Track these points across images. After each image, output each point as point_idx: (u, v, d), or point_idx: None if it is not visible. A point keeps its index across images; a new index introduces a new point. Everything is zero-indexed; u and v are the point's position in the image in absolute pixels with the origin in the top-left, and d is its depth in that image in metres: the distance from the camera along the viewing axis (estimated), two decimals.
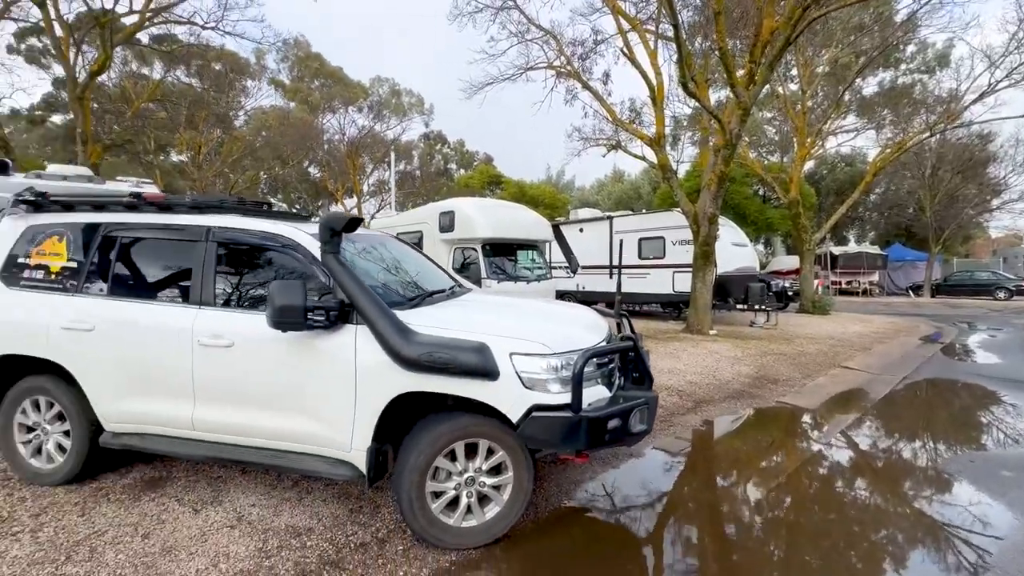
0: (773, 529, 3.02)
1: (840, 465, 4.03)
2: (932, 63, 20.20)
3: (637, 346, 3.01)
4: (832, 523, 3.10)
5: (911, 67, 20.30)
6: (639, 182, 37.53)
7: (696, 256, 9.75)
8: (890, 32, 13.72)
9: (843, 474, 3.87)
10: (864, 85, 18.12)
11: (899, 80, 19.37)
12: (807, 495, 3.49)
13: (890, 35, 13.82)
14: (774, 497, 3.40)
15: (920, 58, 20.35)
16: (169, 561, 2.50)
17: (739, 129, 7.98)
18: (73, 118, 22.24)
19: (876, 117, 17.27)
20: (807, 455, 4.23)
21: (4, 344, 3.23)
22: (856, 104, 18.10)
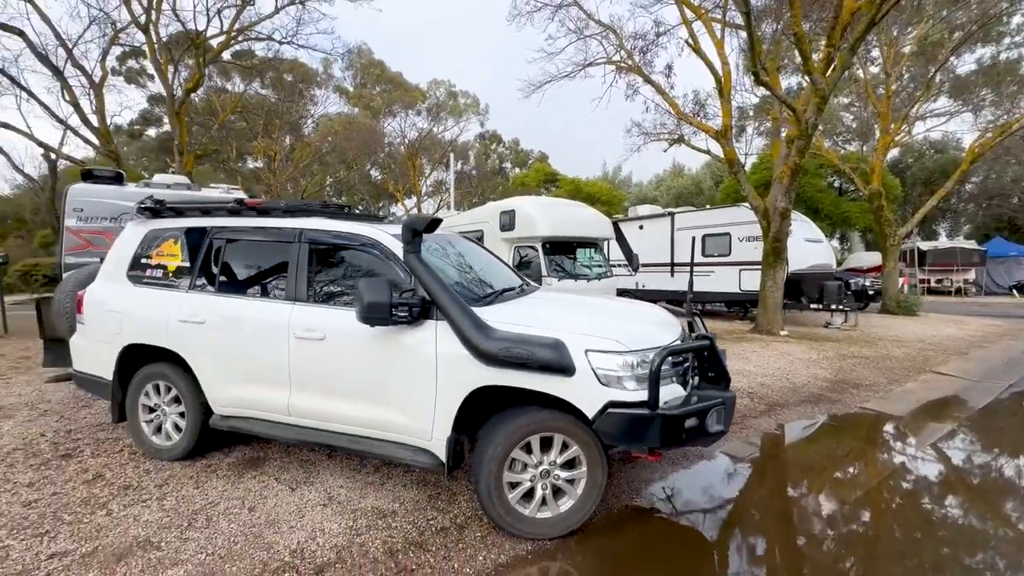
0: (850, 546, 2.84)
1: (930, 481, 3.72)
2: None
3: (714, 345, 2.96)
4: (919, 544, 2.87)
5: (1017, 40, 18.19)
6: (700, 176, 36.12)
7: (766, 253, 9.30)
8: (992, 2, 12.37)
9: (934, 491, 3.55)
10: (959, 63, 16.47)
11: (1001, 56, 17.41)
12: (891, 511, 3.25)
13: (992, 6, 12.46)
14: (854, 511, 3.21)
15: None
16: (274, 533, 2.76)
17: (815, 118, 7.51)
18: (166, 131, 24.55)
19: (973, 98, 15.62)
20: (892, 467, 3.96)
21: (132, 334, 3.67)
22: (949, 85, 16.48)
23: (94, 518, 2.87)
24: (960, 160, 25.62)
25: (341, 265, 3.38)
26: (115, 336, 3.73)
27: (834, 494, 3.45)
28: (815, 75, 7.22)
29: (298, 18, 13.17)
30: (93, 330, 3.87)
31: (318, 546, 2.65)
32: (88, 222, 6.22)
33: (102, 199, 6.37)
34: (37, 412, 4.82)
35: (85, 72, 11.35)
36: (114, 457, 3.75)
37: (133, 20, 11.03)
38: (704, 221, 12.38)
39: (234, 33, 11.89)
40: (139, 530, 2.75)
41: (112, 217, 6.39)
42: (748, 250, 11.42)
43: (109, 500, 3.08)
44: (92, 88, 11.46)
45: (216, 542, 2.66)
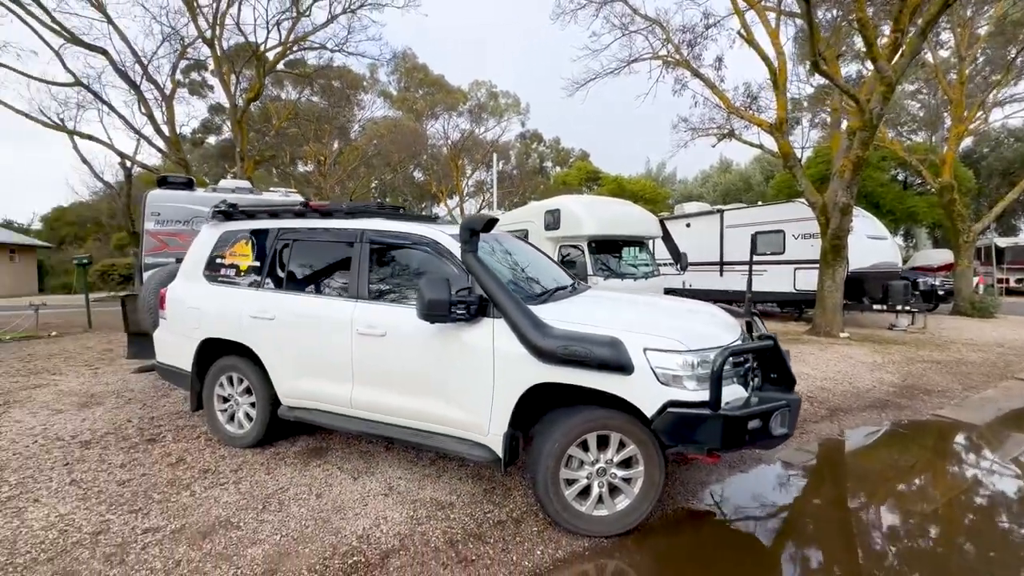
0: (918, 565, 2.68)
1: (1011, 498, 3.43)
2: None
3: (778, 345, 2.87)
4: (995, 566, 2.67)
5: None
6: (749, 172, 34.77)
7: (825, 251, 8.87)
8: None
9: (1015, 509, 3.26)
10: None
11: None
12: (967, 529, 3.03)
13: None
14: (925, 526, 3.02)
15: None
16: (340, 519, 2.90)
17: (881, 108, 7.08)
18: (224, 139, 26.02)
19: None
20: (969, 481, 3.70)
21: (209, 329, 3.94)
22: (1005, 70, 15.07)
23: (179, 498, 3.11)
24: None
25: (400, 264, 3.50)
26: (193, 331, 4.01)
27: (903, 507, 3.27)
28: (880, 62, 6.81)
29: (348, 26, 13.68)
30: (174, 325, 4.18)
31: (382, 533, 2.76)
32: (164, 225, 6.71)
33: (176, 203, 6.85)
34: (123, 400, 5.24)
35: (157, 85, 12.29)
36: (193, 443, 4.03)
37: (200, 35, 11.81)
38: (756, 218, 11.93)
39: (290, 43, 12.50)
40: (220, 511, 2.96)
41: (184, 220, 6.85)
42: (804, 248, 10.92)
43: (191, 482, 3.33)
44: (163, 100, 12.37)
45: (289, 525, 2.82)
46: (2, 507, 2.97)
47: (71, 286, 29.18)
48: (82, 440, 4.07)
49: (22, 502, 3.04)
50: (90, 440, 4.08)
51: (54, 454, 3.78)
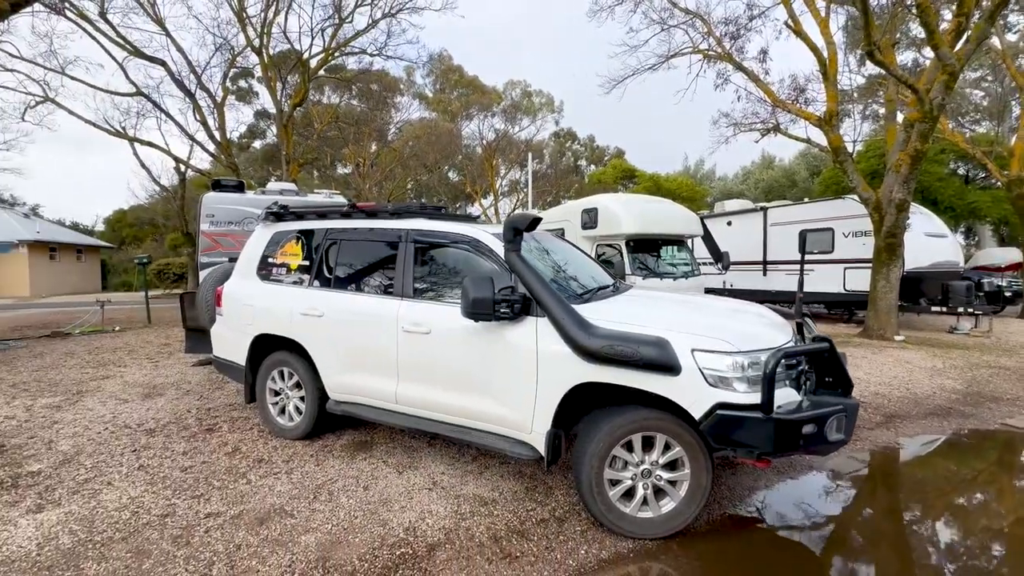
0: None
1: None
2: None
3: (834, 348, 2.76)
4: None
5: None
6: (794, 168, 33.42)
7: (878, 250, 8.43)
8: None
9: None
10: None
11: None
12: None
13: None
14: (990, 545, 2.84)
15: None
16: (387, 511, 2.98)
17: (942, 98, 6.67)
18: (268, 143, 27.06)
19: None
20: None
21: (262, 325, 4.12)
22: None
23: (237, 485, 3.28)
24: None
25: (444, 263, 3.56)
26: (248, 326, 4.21)
27: (966, 523, 3.08)
28: (943, 49, 6.41)
29: (387, 31, 14.00)
30: (230, 321, 4.40)
31: (428, 526, 2.82)
32: (218, 226, 7.05)
33: (228, 205, 7.19)
34: (182, 391, 5.55)
35: (210, 93, 12.98)
36: (247, 433, 4.23)
37: (248, 43, 12.37)
38: (802, 216, 11.46)
39: (332, 49, 12.92)
40: (274, 499, 3.10)
41: (236, 221, 7.18)
42: (854, 247, 10.43)
43: (247, 471, 3.49)
44: (215, 107, 13.02)
45: (339, 515, 2.92)
46: (81, 488, 3.21)
47: (130, 284, 31.11)
48: (147, 428, 4.34)
49: (97, 485, 3.27)
50: (154, 428, 4.34)
51: (123, 440, 4.05)
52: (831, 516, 3.15)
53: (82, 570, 2.39)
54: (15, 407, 4.95)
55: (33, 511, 2.92)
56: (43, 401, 5.14)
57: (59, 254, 26.78)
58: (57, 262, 26.57)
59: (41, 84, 13.10)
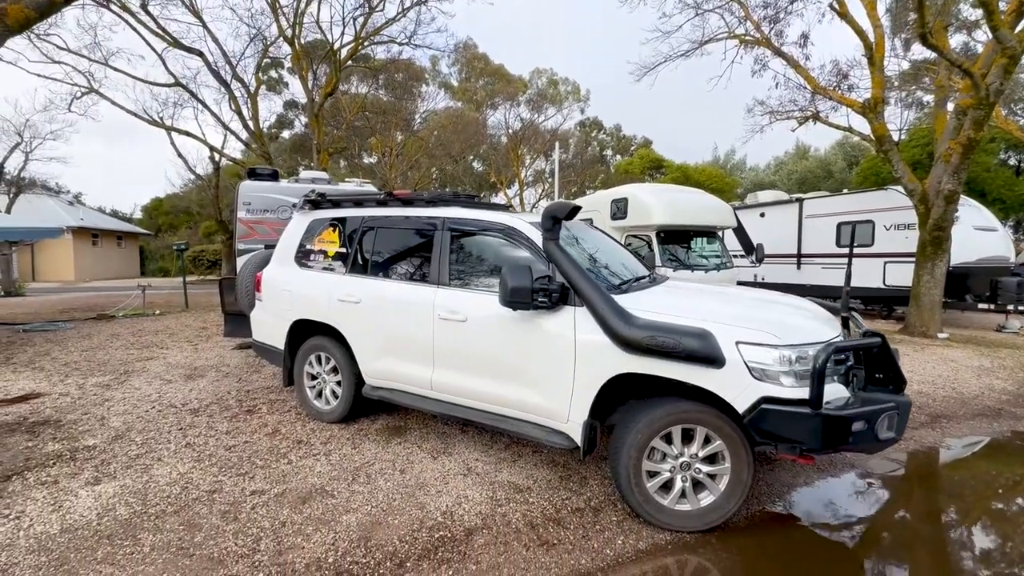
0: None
1: None
2: None
3: (887, 343, 2.66)
4: None
5: None
6: (830, 158, 32.22)
7: (923, 243, 8.08)
8: None
9: None
10: None
11: None
12: None
13: None
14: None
15: None
16: (424, 494, 3.03)
17: (1000, 83, 6.29)
18: (296, 133, 27.48)
19: None
20: None
21: (300, 311, 4.21)
22: None
23: (279, 465, 3.38)
24: None
25: (481, 252, 3.56)
26: (286, 312, 4.31)
27: (1017, 526, 2.95)
28: (1002, 31, 6.03)
29: (416, 19, 13.99)
30: (269, 306, 4.51)
31: (464, 511, 2.86)
32: (254, 213, 7.22)
33: (264, 194, 7.34)
34: (221, 374, 5.74)
35: (244, 83, 13.24)
36: (285, 415, 4.35)
37: (280, 33, 12.55)
38: (841, 207, 11.06)
39: (363, 39, 12.99)
40: (315, 479, 3.18)
41: (271, 209, 7.34)
42: (896, 240, 10.02)
43: (288, 451, 3.60)
44: (248, 97, 13.31)
45: (378, 497, 2.99)
46: (133, 463, 3.36)
47: (167, 270, 32.25)
48: (191, 408, 4.51)
49: (148, 460, 3.42)
50: (198, 408, 4.50)
51: (169, 419, 4.22)
52: (876, 517, 3.07)
53: (139, 540, 2.51)
54: (68, 385, 5.20)
55: (91, 483, 3.08)
56: (94, 380, 5.39)
57: (101, 240, 27.94)
58: (99, 248, 27.73)
59: (86, 75, 13.61)
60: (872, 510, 3.14)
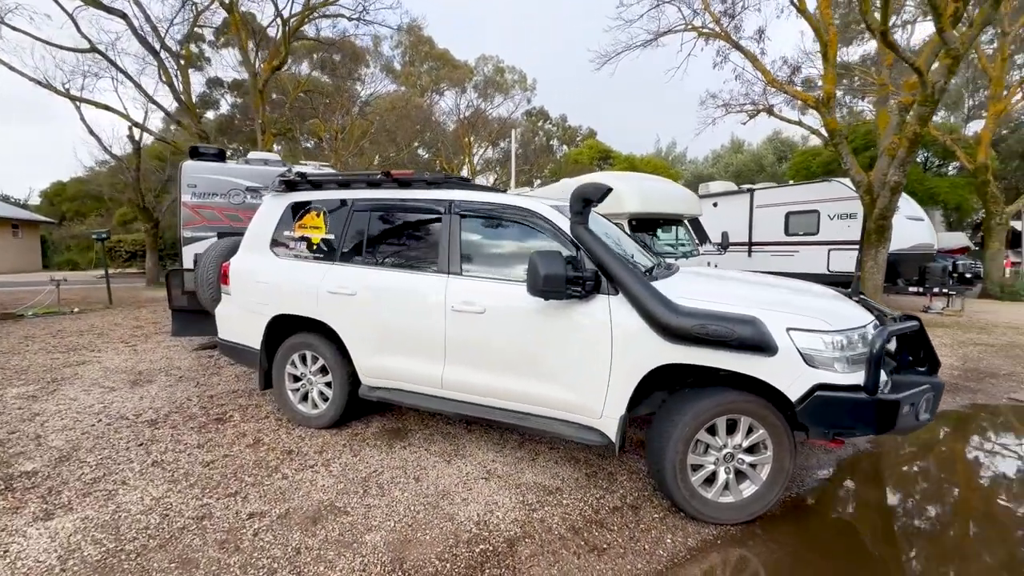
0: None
1: None
2: None
3: (923, 326, 2.70)
4: None
5: None
6: (762, 152, 34.21)
7: (868, 232, 8.67)
8: None
9: None
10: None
11: None
12: None
13: None
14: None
15: None
16: (449, 504, 2.76)
17: (944, 82, 6.80)
18: (222, 114, 25.30)
19: None
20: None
21: (281, 305, 3.74)
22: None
23: (273, 480, 2.97)
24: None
25: (497, 237, 3.29)
26: (263, 306, 3.82)
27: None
28: (948, 32, 6.49)
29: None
30: (240, 301, 3.98)
31: (498, 519, 2.63)
32: (200, 197, 6.44)
33: (210, 175, 6.56)
34: (174, 378, 5.08)
35: (173, 53, 11.76)
36: (263, 423, 3.88)
37: (220, 2, 11.27)
38: (788, 198, 11.66)
39: (310, 10, 11.97)
40: (320, 495, 2.82)
41: (219, 192, 6.58)
42: (839, 228, 10.69)
43: (279, 464, 3.18)
44: (179, 69, 11.89)
45: (398, 510, 2.68)
46: (91, 490, 2.83)
47: (76, 262, 28.87)
48: (148, 419, 3.92)
49: (110, 484, 2.89)
50: (156, 419, 3.92)
51: (124, 434, 3.63)
52: (895, 495, 3.16)
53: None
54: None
55: (41, 518, 2.54)
56: (14, 391, 4.58)
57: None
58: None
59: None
60: (878, 489, 3.23)
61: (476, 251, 3.27)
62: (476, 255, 3.26)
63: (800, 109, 15.63)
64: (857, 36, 15.83)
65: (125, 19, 10.54)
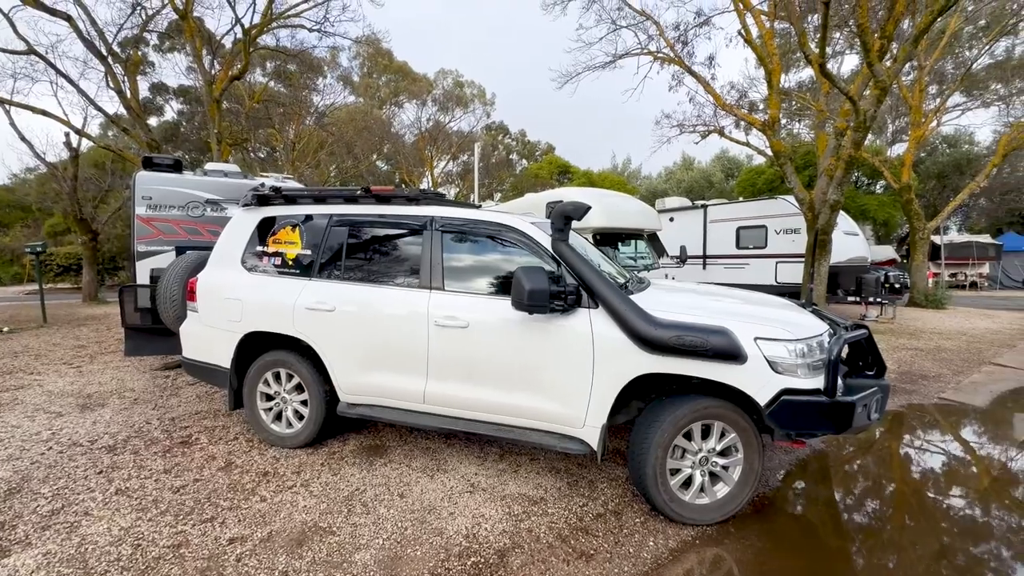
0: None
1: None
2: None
3: (871, 334, 2.98)
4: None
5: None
6: (710, 170, 36.03)
7: (811, 246, 9.32)
8: None
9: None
10: (971, 58, 16.20)
11: (1018, 49, 17.19)
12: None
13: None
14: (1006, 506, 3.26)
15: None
16: (436, 518, 2.77)
17: (874, 110, 7.50)
18: (166, 121, 24.16)
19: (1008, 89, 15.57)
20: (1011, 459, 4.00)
21: (254, 322, 3.64)
22: (960, 79, 16.30)
23: (251, 504, 2.88)
24: (975, 156, 25.73)
25: (478, 253, 3.35)
26: (234, 324, 3.71)
27: (981, 487, 3.49)
28: (876, 66, 7.19)
29: (326, 4, 12.98)
30: (209, 318, 3.84)
31: (487, 532, 2.66)
32: (156, 210, 6.16)
33: (168, 187, 6.30)
34: (128, 400, 4.80)
35: (121, 58, 11.14)
36: (233, 444, 3.74)
37: (173, 6, 10.82)
38: (739, 214, 12.37)
39: (269, 21, 11.69)
40: (303, 516, 2.76)
41: (177, 205, 6.33)
42: (785, 243, 11.43)
43: (255, 486, 3.09)
44: (127, 73, 11.26)
45: (386, 527, 2.67)
46: (50, 523, 2.65)
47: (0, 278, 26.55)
48: (105, 445, 3.69)
49: (71, 516, 2.72)
50: (114, 445, 3.70)
51: (79, 461, 3.41)
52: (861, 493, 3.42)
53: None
54: None
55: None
56: None
57: None
58: None
59: None
60: (833, 486, 3.49)
61: (458, 266, 3.33)
62: (458, 270, 3.31)
63: (744, 129, 16.72)
64: (795, 64, 17.10)
65: (70, 21, 9.93)
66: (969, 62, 14.83)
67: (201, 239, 6.26)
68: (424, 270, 3.32)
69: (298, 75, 22.99)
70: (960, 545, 2.72)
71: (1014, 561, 2.59)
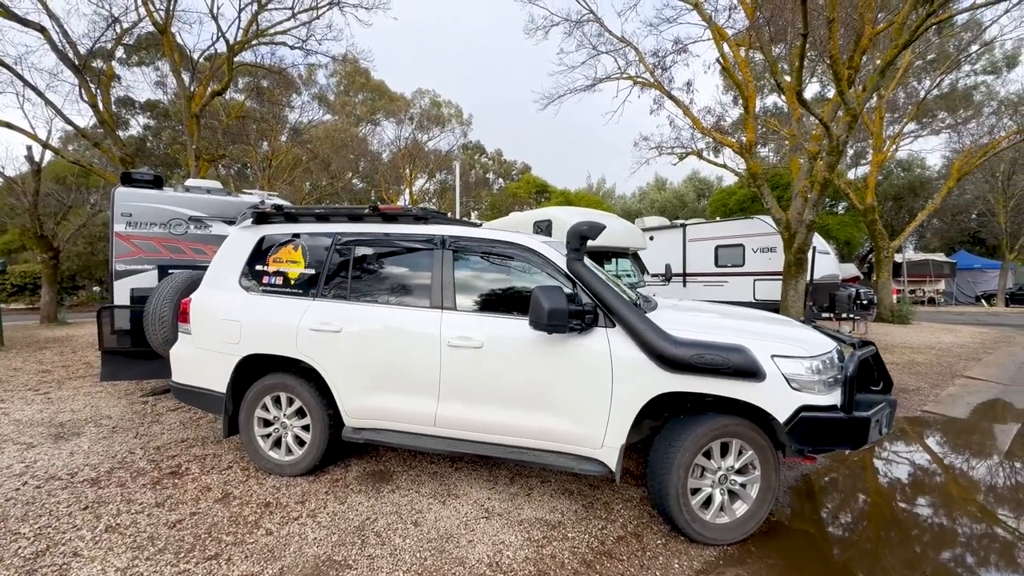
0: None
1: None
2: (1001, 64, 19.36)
3: (878, 351, 3.07)
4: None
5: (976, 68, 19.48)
6: (683, 190, 37.14)
7: (788, 264, 9.65)
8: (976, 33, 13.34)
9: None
10: (922, 88, 17.35)
11: (961, 83, 18.50)
12: None
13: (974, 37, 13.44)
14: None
15: (987, 58, 19.49)
16: (455, 547, 2.68)
17: (846, 136, 7.91)
18: (131, 135, 23.48)
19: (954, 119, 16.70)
20: (1004, 468, 4.16)
21: (254, 344, 3.50)
22: (915, 108, 17.42)
23: (256, 537, 2.72)
24: (927, 179, 27.34)
25: (491, 272, 3.32)
26: (231, 346, 3.55)
27: (996, 498, 3.59)
28: (847, 95, 7.62)
29: (309, 24, 12.96)
30: (204, 340, 3.67)
31: (510, 559, 2.58)
32: (137, 227, 5.91)
33: (149, 204, 6.05)
34: (106, 429, 4.51)
35: (95, 71, 10.76)
36: (228, 474, 3.55)
37: (152, 21, 10.57)
38: (717, 233, 12.75)
39: (250, 37, 11.56)
40: (315, 549, 2.62)
41: (159, 222, 6.09)
42: (762, 261, 11.81)
43: (259, 518, 2.92)
44: (100, 87, 10.88)
45: (403, 558, 2.56)
46: (35, 566, 2.43)
47: None
48: (87, 478, 3.45)
49: (59, 557, 2.50)
50: (96, 478, 3.46)
51: (60, 496, 3.17)
52: (865, 505, 3.48)
53: None
54: None
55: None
56: None
57: None
58: None
59: None
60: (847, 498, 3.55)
61: (470, 286, 3.29)
62: (470, 290, 3.28)
63: (714, 150, 17.37)
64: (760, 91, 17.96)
65: (44, 33, 9.57)
66: (922, 93, 15.88)
67: (184, 258, 6.03)
68: (435, 289, 3.27)
69: (272, 91, 22.74)
70: (982, 555, 2.79)
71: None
